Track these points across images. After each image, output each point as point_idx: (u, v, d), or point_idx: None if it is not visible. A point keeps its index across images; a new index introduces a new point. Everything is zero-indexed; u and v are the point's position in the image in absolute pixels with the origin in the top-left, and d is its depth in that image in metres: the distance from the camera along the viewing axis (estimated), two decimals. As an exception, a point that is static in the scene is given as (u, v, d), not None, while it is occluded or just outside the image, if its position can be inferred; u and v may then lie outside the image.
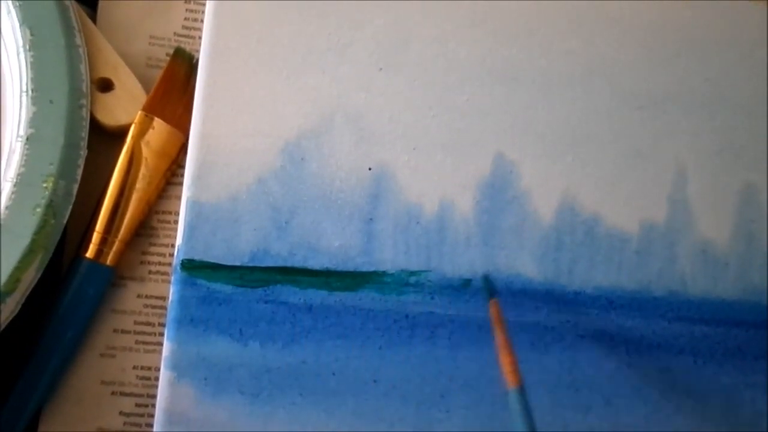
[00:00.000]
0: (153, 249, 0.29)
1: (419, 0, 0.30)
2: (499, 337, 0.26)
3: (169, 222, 0.30)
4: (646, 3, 0.31)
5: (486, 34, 0.30)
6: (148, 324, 0.29)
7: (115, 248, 0.28)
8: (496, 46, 0.30)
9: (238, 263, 0.27)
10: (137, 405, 0.28)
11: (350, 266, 0.28)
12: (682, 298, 0.29)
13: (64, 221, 0.27)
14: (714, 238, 0.30)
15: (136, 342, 0.29)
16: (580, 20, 0.30)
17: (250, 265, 0.27)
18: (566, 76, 0.30)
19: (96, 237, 0.28)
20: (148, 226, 0.29)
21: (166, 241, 0.29)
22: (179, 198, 0.29)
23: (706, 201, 0.30)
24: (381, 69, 0.29)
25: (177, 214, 0.29)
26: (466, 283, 0.28)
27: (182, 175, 0.29)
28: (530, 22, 0.30)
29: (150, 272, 0.29)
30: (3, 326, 0.26)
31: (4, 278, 0.25)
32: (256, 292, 0.27)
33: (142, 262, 0.29)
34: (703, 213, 0.30)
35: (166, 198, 0.30)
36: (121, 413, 0.28)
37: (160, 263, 0.29)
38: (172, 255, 0.29)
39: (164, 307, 0.29)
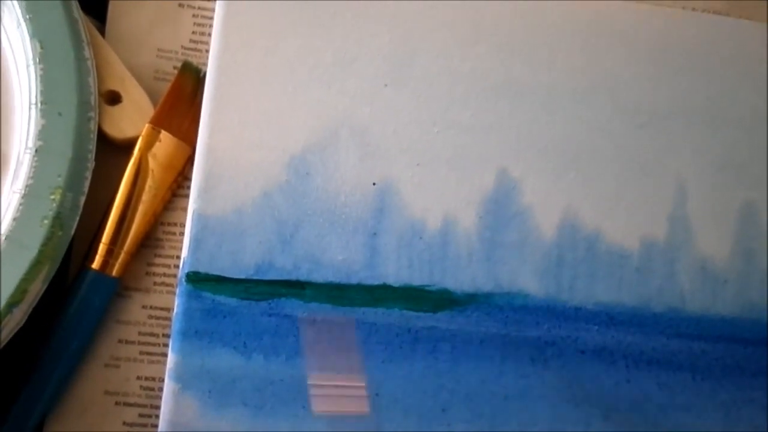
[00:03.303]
0: (158, 260, 0.30)
1: (424, 17, 0.30)
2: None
3: (174, 234, 0.30)
4: (649, 21, 0.31)
5: (490, 51, 0.30)
6: (153, 335, 0.29)
7: (120, 259, 0.28)
8: (500, 63, 0.30)
9: (243, 276, 0.27)
10: (141, 415, 0.29)
11: (354, 280, 0.28)
12: (682, 315, 0.29)
13: (71, 233, 0.27)
14: (713, 256, 0.30)
15: (141, 353, 0.29)
16: (582, 37, 0.31)
17: (255, 278, 0.27)
18: (569, 93, 0.30)
19: (102, 248, 0.28)
20: (154, 238, 0.30)
21: (172, 252, 0.30)
22: (185, 210, 0.29)
23: (706, 218, 0.30)
24: (386, 85, 0.29)
25: (182, 225, 0.30)
26: (469, 298, 0.28)
27: (188, 187, 0.29)
28: (533, 39, 0.30)
29: (155, 283, 0.29)
30: (10, 336, 0.26)
31: (11, 289, 0.25)
32: (261, 305, 0.27)
33: (147, 274, 0.30)
34: (703, 230, 0.30)
35: (171, 210, 0.30)
36: (124, 423, 0.28)
37: (165, 274, 0.30)
38: (177, 266, 0.29)
39: (169, 319, 0.29)
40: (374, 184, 0.29)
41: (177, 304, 0.27)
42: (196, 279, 0.27)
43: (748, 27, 0.32)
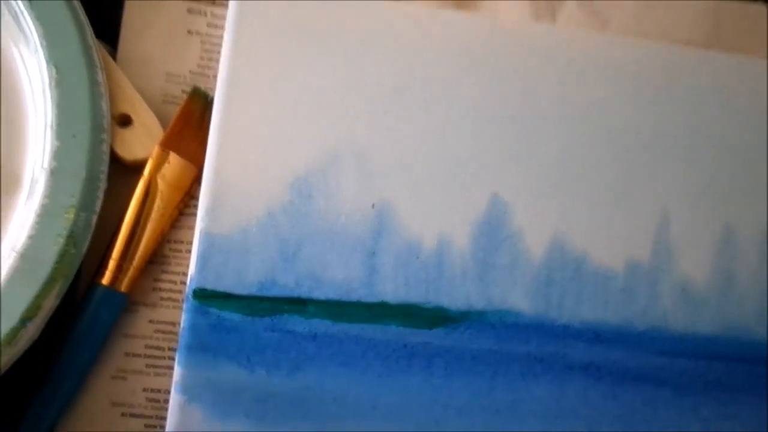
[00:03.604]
0: (165, 276, 0.31)
1: (422, 48, 0.31)
2: None
3: (180, 251, 0.31)
4: (635, 52, 0.33)
5: (483, 81, 0.32)
6: (159, 348, 0.30)
7: (129, 275, 0.30)
8: (493, 93, 0.32)
9: (246, 293, 0.29)
10: (146, 426, 0.30)
11: (353, 297, 0.29)
12: (665, 333, 0.31)
13: (84, 251, 0.28)
14: (694, 277, 0.31)
15: (147, 365, 0.30)
16: (571, 69, 0.32)
17: (259, 294, 0.29)
18: (558, 122, 0.32)
19: (112, 264, 0.29)
20: (161, 255, 0.31)
21: (178, 269, 0.31)
22: (191, 228, 0.31)
23: (688, 241, 0.32)
24: (385, 111, 0.31)
25: (188, 243, 0.31)
26: (463, 315, 0.30)
27: (194, 206, 0.31)
28: (525, 69, 0.32)
29: (161, 298, 0.31)
30: (24, 350, 0.27)
31: (26, 304, 0.26)
32: (264, 320, 0.29)
33: (154, 289, 0.31)
34: (685, 253, 0.32)
35: (178, 228, 0.31)
36: (130, 433, 0.29)
37: (171, 290, 0.31)
38: (183, 282, 0.31)
39: (174, 332, 0.30)
40: (373, 205, 0.30)
41: (184, 319, 0.28)
42: (202, 295, 0.28)
43: (728, 59, 0.34)
